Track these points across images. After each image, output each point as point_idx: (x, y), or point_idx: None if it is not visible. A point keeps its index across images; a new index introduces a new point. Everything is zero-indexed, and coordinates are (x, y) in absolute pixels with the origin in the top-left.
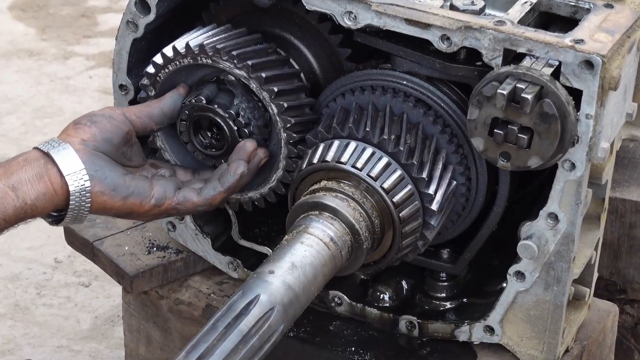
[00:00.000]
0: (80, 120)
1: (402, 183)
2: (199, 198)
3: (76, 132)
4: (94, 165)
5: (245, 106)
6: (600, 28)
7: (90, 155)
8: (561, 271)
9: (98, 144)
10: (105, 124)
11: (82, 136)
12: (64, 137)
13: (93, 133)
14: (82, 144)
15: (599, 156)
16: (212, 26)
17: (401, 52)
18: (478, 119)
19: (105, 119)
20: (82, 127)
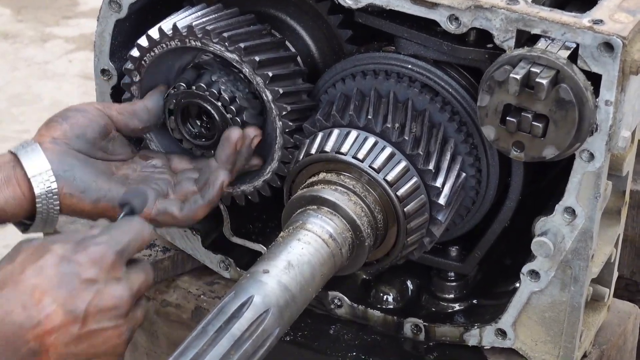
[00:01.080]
0: (53, 117)
1: (407, 175)
2: (181, 213)
3: (47, 131)
4: (63, 164)
5: (225, 80)
6: (620, 7)
7: (60, 154)
8: (579, 270)
9: (70, 142)
10: (78, 118)
11: (53, 134)
12: (36, 138)
13: (64, 130)
14: (52, 142)
15: (619, 146)
16: (201, 6)
17: (406, 33)
18: (489, 105)
19: (80, 113)
20: (54, 125)
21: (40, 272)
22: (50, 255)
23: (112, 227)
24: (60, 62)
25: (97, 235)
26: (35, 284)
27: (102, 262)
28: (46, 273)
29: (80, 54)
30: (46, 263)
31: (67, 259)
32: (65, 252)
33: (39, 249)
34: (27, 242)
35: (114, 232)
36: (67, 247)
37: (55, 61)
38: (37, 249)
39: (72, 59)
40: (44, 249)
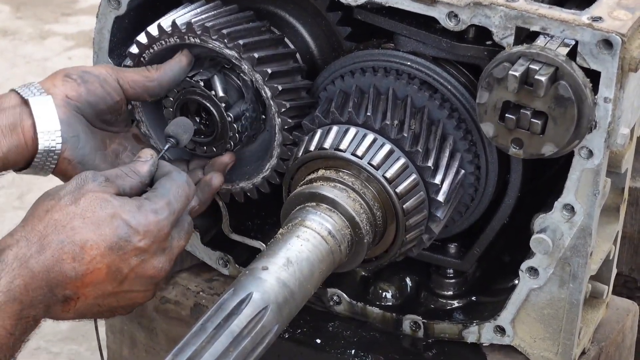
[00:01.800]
0: (71, 72)
1: (405, 172)
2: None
3: (63, 85)
4: (71, 129)
5: (251, 112)
6: (619, 5)
7: (70, 117)
8: (577, 267)
9: (81, 106)
10: (96, 86)
11: (68, 92)
12: (48, 86)
13: (80, 93)
14: (64, 100)
15: (618, 143)
16: (200, 3)
17: (405, 30)
18: (488, 102)
19: (99, 81)
20: (71, 82)
21: (97, 228)
22: (111, 214)
23: (168, 188)
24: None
25: (156, 198)
26: (91, 239)
27: (157, 234)
28: (103, 231)
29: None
30: (106, 221)
31: (126, 224)
32: (126, 216)
33: (104, 202)
34: (94, 181)
35: (172, 199)
36: (128, 210)
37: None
38: (103, 202)
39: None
40: (108, 205)
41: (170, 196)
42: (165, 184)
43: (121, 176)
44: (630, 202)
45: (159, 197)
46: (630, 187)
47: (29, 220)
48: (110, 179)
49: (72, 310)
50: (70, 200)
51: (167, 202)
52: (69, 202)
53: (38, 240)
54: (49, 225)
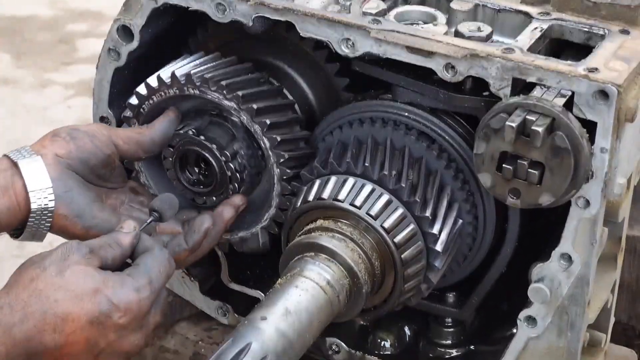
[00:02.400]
0: (59, 132)
1: (404, 222)
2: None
3: (52, 145)
4: (64, 185)
5: (244, 153)
6: (615, 56)
7: (62, 174)
8: (575, 316)
9: (72, 163)
10: (86, 142)
11: (57, 150)
12: (37, 148)
13: (70, 150)
14: (55, 159)
15: (615, 192)
16: (199, 54)
17: (402, 81)
18: (485, 153)
19: (88, 137)
20: (59, 141)
21: (80, 302)
22: (94, 289)
23: (149, 266)
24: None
25: (138, 276)
26: (73, 311)
27: (137, 313)
28: (85, 305)
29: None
30: (88, 295)
31: (108, 300)
32: (108, 292)
33: (88, 277)
34: (78, 252)
35: (154, 277)
36: (111, 286)
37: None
38: (87, 276)
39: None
40: (92, 279)
41: (152, 274)
42: (147, 261)
43: (104, 247)
44: (627, 251)
45: (141, 274)
46: (627, 235)
47: (13, 287)
48: (94, 250)
49: None
50: (55, 271)
51: (149, 280)
52: (53, 272)
53: (21, 309)
54: (33, 295)
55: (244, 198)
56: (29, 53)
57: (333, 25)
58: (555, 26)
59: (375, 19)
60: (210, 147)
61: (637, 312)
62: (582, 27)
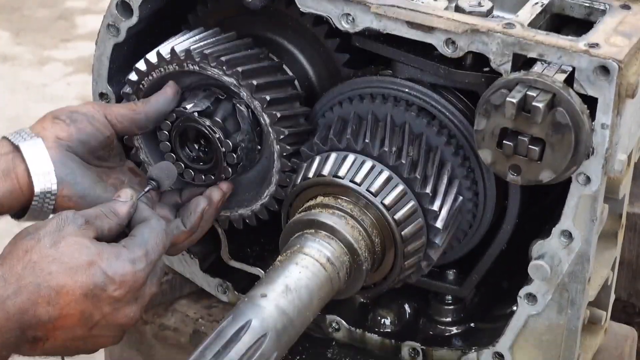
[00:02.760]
0: (59, 114)
1: (404, 199)
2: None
3: (52, 127)
4: (65, 167)
5: (247, 143)
6: (616, 31)
7: (63, 156)
8: (575, 293)
9: (73, 144)
10: (85, 124)
11: (58, 133)
12: (38, 130)
13: (70, 132)
14: (56, 141)
15: (615, 169)
16: (199, 30)
17: (403, 57)
18: (486, 129)
19: (87, 119)
20: (60, 123)
21: (74, 274)
22: (89, 261)
23: (146, 237)
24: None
25: (135, 247)
26: (67, 284)
27: (133, 285)
28: (80, 278)
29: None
30: (83, 267)
31: (103, 272)
32: (103, 264)
33: (83, 248)
34: (74, 223)
35: (150, 249)
36: (106, 258)
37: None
38: (82, 247)
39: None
40: (87, 251)
41: (148, 246)
42: (143, 232)
43: (100, 217)
44: (628, 228)
45: (137, 246)
46: (628, 212)
47: (7, 259)
48: (90, 220)
49: (39, 349)
50: (49, 242)
51: (145, 252)
52: (48, 244)
53: (15, 282)
54: (27, 267)
55: (230, 185)
56: (28, 30)
57: (333, 0)
58: (556, 1)
59: None
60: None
61: (637, 289)
62: (583, 2)
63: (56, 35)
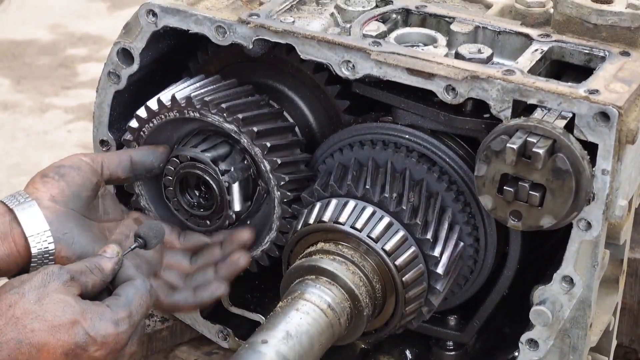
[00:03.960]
0: (47, 172)
1: (405, 244)
2: (167, 301)
3: (44, 186)
4: (62, 227)
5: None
6: (616, 77)
7: (59, 215)
8: (577, 339)
9: (67, 200)
10: (73, 176)
11: (51, 191)
12: (31, 191)
13: (62, 188)
14: (51, 200)
15: (616, 214)
16: (199, 77)
17: (403, 104)
18: (486, 175)
19: (74, 170)
20: (49, 181)
21: (57, 333)
22: (72, 321)
23: (130, 298)
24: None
25: (118, 309)
26: (48, 342)
27: (114, 346)
28: (62, 337)
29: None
30: (65, 326)
31: (85, 332)
32: (86, 324)
33: (66, 307)
34: (59, 279)
35: (134, 310)
36: (89, 318)
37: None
38: (65, 306)
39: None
40: (70, 310)
41: (132, 307)
42: (128, 293)
43: (85, 273)
44: (629, 273)
45: (121, 307)
46: (629, 258)
47: None
48: (75, 276)
49: None
50: (33, 297)
51: (129, 314)
52: (32, 299)
53: None
54: (10, 323)
55: (252, 231)
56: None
57: (333, 47)
58: (556, 48)
59: (376, 41)
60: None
61: (639, 335)
62: (582, 49)
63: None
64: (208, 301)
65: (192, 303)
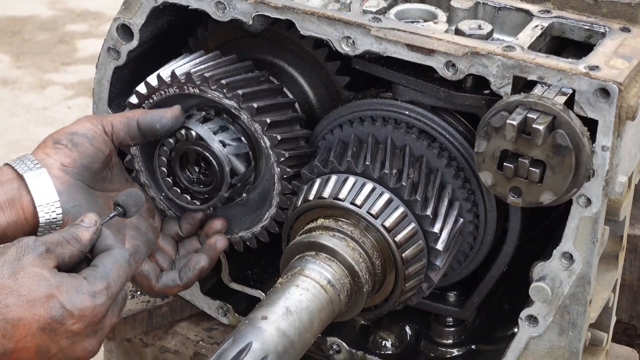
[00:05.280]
0: (60, 138)
1: (404, 221)
2: (157, 285)
3: (56, 153)
4: (71, 199)
5: None
6: (616, 54)
7: (69, 187)
8: (577, 315)
9: (78, 171)
10: (87, 147)
11: (63, 160)
12: (41, 157)
13: (74, 158)
14: (61, 170)
15: (616, 191)
16: (199, 53)
17: (403, 80)
18: (486, 151)
19: (88, 140)
20: (62, 149)
21: (32, 307)
22: (47, 295)
23: (109, 269)
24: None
25: (95, 280)
26: (24, 317)
27: (92, 319)
28: (37, 311)
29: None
30: (41, 301)
31: (62, 305)
32: (62, 298)
33: (41, 280)
34: (34, 252)
35: (112, 281)
36: (65, 291)
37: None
38: (40, 280)
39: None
40: (46, 283)
41: (110, 279)
42: (106, 263)
43: (62, 243)
44: (629, 250)
45: (98, 278)
46: (628, 234)
47: None
48: (51, 248)
49: None
50: (8, 272)
51: (107, 285)
52: (6, 274)
53: None
54: None
55: (223, 221)
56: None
57: (333, 23)
58: (556, 24)
59: (376, 17)
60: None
61: (638, 311)
62: (582, 24)
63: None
64: (194, 278)
65: (180, 284)
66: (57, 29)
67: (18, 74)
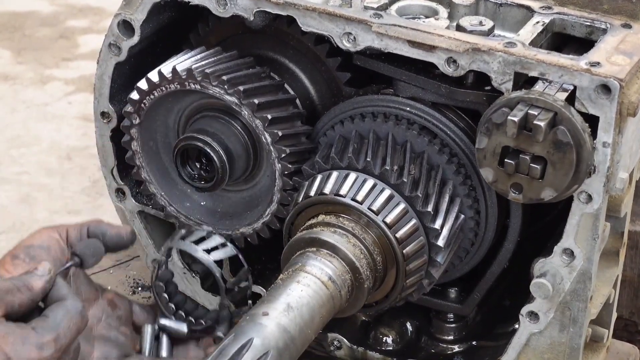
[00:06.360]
0: (17, 253)
1: (405, 217)
2: None
3: (14, 269)
4: None
5: None
6: (617, 50)
7: None
8: (577, 311)
9: None
10: (44, 258)
11: None
12: (2, 274)
13: None
14: None
15: (617, 187)
16: (200, 49)
17: (404, 76)
18: (487, 147)
19: (44, 251)
20: (20, 264)
21: None
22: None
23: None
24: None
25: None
26: None
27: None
28: None
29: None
30: None
31: (6, 357)
32: (7, 349)
33: None
34: None
35: (61, 333)
36: (11, 342)
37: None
38: None
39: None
40: None
41: (59, 330)
42: (57, 314)
43: (12, 291)
44: (629, 246)
45: (47, 329)
46: (629, 230)
47: None
48: (0, 295)
49: None
50: None
51: (55, 337)
52: None
53: None
54: None
55: None
56: (29, 49)
57: (334, 19)
58: (557, 20)
59: (377, 13)
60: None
61: (639, 307)
62: (584, 21)
63: (57, 55)
64: None
65: None
66: (58, 25)
67: (19, 69)
